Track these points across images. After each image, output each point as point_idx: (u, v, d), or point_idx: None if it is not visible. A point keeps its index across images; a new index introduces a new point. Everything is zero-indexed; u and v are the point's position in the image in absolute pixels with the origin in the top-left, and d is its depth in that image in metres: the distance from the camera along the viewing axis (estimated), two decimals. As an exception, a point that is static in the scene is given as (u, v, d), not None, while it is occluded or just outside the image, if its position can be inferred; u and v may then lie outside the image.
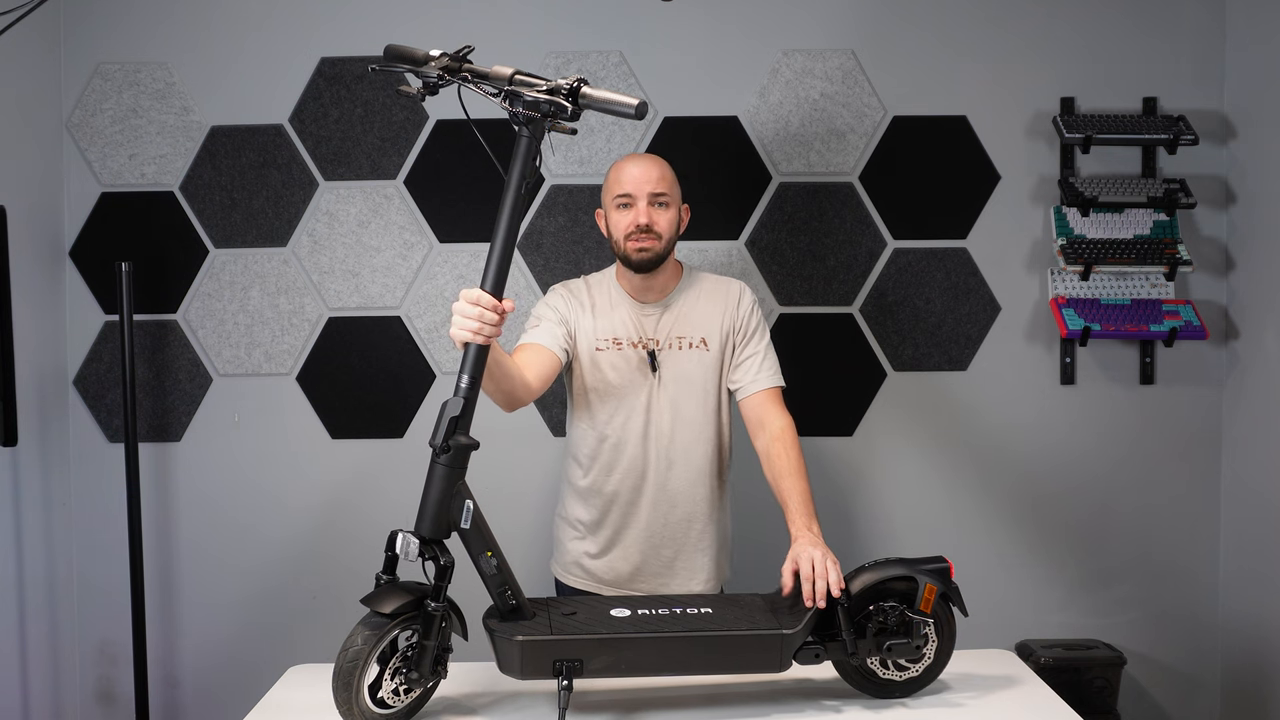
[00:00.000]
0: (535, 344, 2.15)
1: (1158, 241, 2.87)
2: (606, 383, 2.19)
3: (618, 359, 2.19)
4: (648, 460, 2.21)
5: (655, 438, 2.20)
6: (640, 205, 2.15)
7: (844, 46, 2.92)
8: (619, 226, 2.18)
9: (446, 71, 1.80)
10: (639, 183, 2.16)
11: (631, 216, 2.16)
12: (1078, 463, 2.95)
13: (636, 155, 2.24)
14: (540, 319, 2.21)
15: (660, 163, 2.20)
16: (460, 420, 1.73)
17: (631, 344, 2.20)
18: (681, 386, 2.19)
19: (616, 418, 2.20)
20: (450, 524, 1.75)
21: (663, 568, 2.25)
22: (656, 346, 2.20)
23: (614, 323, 2.22)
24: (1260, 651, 2.81)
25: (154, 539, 2.94)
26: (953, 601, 1.86)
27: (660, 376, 2.19)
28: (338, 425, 2.96)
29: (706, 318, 2.22)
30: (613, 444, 2.21)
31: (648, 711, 1.83)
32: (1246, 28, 2.85)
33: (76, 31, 2.92)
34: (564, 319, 2.20)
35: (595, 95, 1.74)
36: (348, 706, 1.67)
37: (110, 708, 2.98)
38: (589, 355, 2.20)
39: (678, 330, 2.21)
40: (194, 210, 2.94)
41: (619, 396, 2.19)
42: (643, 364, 2.19)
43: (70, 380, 2.95)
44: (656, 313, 2.22)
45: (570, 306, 2.23)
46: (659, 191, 2.16)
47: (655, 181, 2.16)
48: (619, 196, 2.18)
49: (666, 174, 2.19)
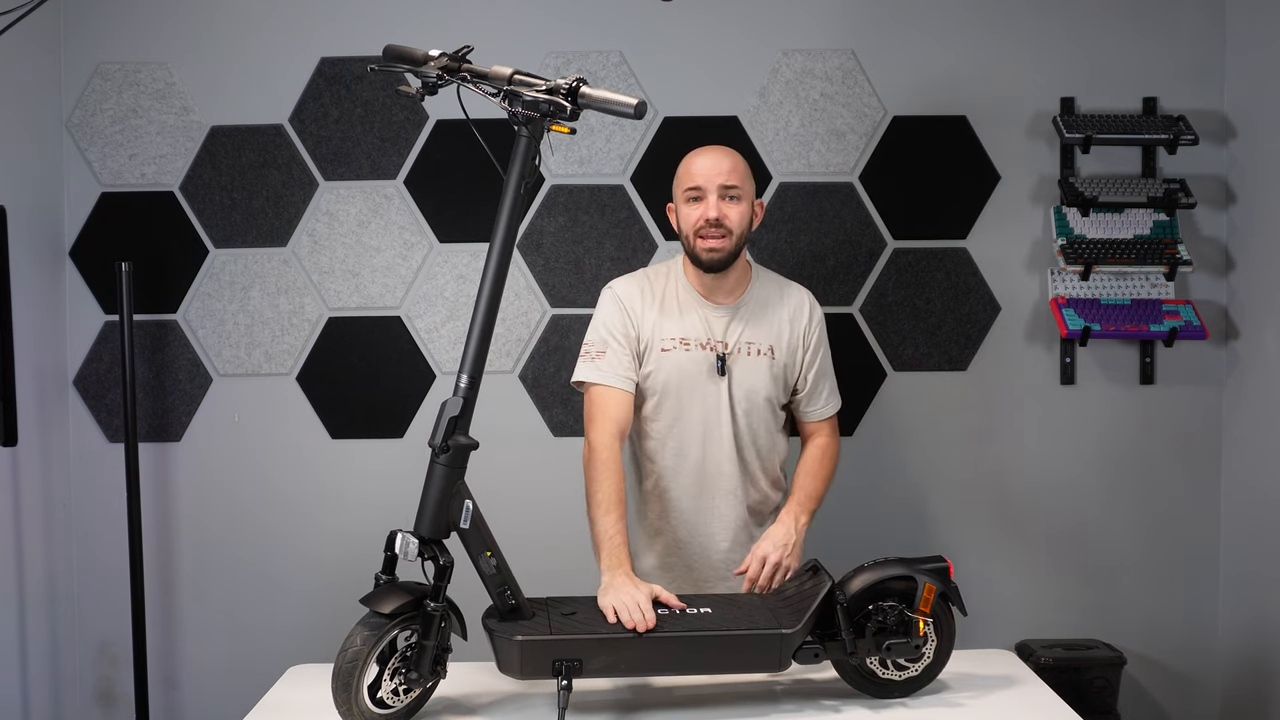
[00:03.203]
0: (608, 390, 2.10)
1: (1158, 241, 2.87)
2: (670, 383, 2.15)
3: (685, 360, 2.14)
4: (709, 465, 2.17)
5: (718, 443, 2.16)
6: (710, 199, 2.09)
7: (844, 46, 2.92)
8: (689, 220, 2.12)
9: (446, 71, 1.80)
10: (709, 175, 2.10)
11: (701, 210, 2.10)
12: (1078, 463, 2.95)
13: (707, 147, 2.16)
14: (606, 344, 2.13)
15: (732, 154, 2.14)
16: (459, 420, 1.73)
17: (700, 345, 2.15)
18: (747, 392, 2.16)
19: (680, 421, 2.16)
20: (450, 524, 1.75)
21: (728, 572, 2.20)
22: (726, 350, 2.16)
23: (683, 322, 2.16)
24: (1260, 652, 2.81)
25: (154, 539, 2.94)
26: (952, 601, 1.86)
27: (729, 381, 2.15)
28: (338, 425, 2.96)
29: (775, 326, 2.18)
30: (674, 450, 2.17)
31: (647, 711, 1.83)
32: (1246, 28, 2.85)
33: (76, 31, 2.92)
34: (629, 337, 2.14)
35: (594, 95, 1.74)
36: (347, 707, 1.67)
37: (110, 708, 2.98)
38: (655, 356, 2.15)
39: (747, 335, 2.17)
40: (194, 210, 2.94)
41: (683, 398, 2.15)
42: (711, 367, 2.15)
43: (70, 380, 2.95)
44: (727, 315, 2.17)
45: (633, 317, 2.15)
46: (730, 184, 2.10)
47: (726, 173, 2.10)
48: (689, 190, 2.12)
49: (739, 165, 2.13)
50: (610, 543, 1.95)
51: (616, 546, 1.94)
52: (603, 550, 1.95)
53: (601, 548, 1.96)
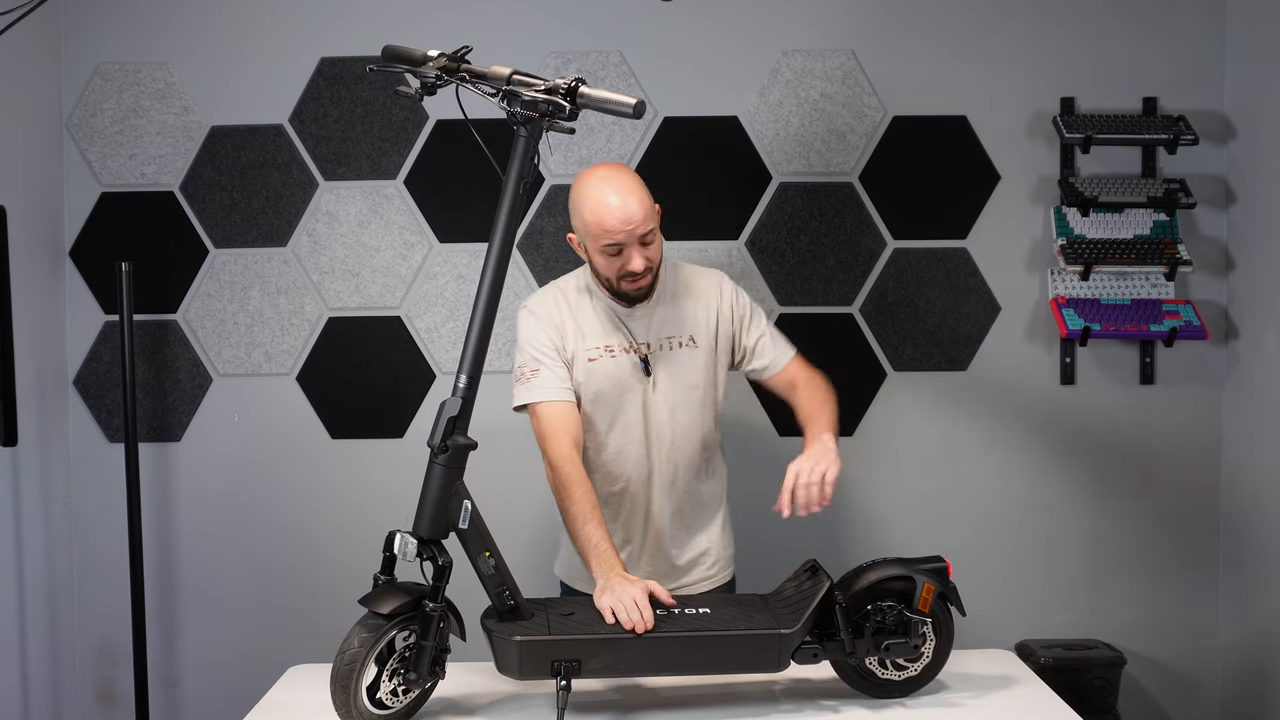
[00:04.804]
0: (551, 405, 2.08)
1: (1158, 241, 2.87)
2: (602, 391, 2.15)
3: (611, 366, 2.14)
4: (652, 463, 2.18)
5: (656, 441, 2.17)
6: (630, 251, 2.02)
7: (844, 46, 2.92)
8: (609, 268, 2.06)
9: (445, 72, 1.81)
10: (626, 229, 2.00)
11: (622, 262, 2.04)
12: (1078, 462, 2.95)
13: (610, 191, 2.01)
14: (538, 363, 2.11)
15: (634, 190, 2.02)
16: (458, 420, 1.73)
17: (624, 349, 2.15)
18: (676, 386, 2.16)
19: (616, 425, 2.17)
20: (448, 524, 1.75)
21: (671, 568, 2.23)
22: (648, 350, 2.16)
23: (603, 330, 2.15)
24: (1260, 652, 2.81)
25: (154, 539, 2.94)
26: (951, 601, 1.86)
27: (655, 379, 2.16)
28: (338, 425, 2.96)
29: (692, 315, 2.18)
30: (614, 452, 2.18)
31: (646, 711, 1.83)
32: (1246, 28, 2.85)
33: (76, 31, 2.92)
34: (558, 350, 2.13)
35: (593, 95, 1.74)
36: (346, 708, 1.68)
37: (110, 708, 2.98)
38: (583, 367, 2.14)
39: (666, 331, 2.16)
40: (194, 210, 2.94)
41: (616, 403, 2.16)
42: (636, 369, 2.15)
43: (70, 380, 2.95)
44: (644, 316, 2.16)
45: (555, 331, 2.14)
46: (645, 230, 2.01)
47: (640, 221, 2.00)
48: (606, 246, 2.02)
49: (644, 201, 2.01)
50: (596, 550, 1.93)
51: (604, 552, 1.93)
52: (591, 558, 1.94)
53: (589, 557, 1.94)
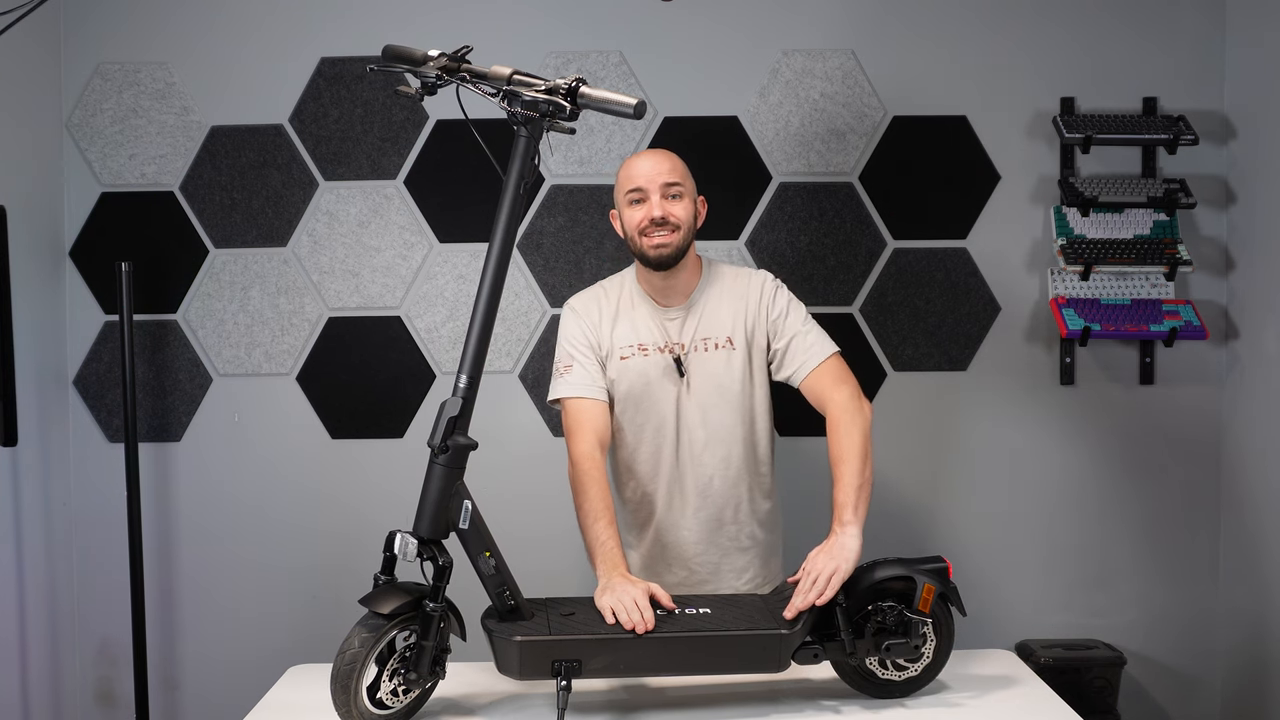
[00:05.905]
0: (581, 401, 2.10)
1: (1158, 241, 2.87)
2: (633, 389, 2.14)
3: (644, 365, 2.14)
4: (683, 467, 2.16)
5: (687, 443, 2.16)
6: (653, 198, 2.09)
7: (844, 46, 2.92)
8: (633, 222, 2.11)
9: (445, 72, 1.81)
10: (650, 176, 2.10)
11: (645, 211, 2.09)
12: (1078, 462, 2.95)
13: (645, 151, 2.22)
14: (572, 359, 2.14)
15: (670, 155, 2.16)
16: (459, 420, 1.73)
17: (658, 349, 2.15)
18: (710, 389, 2.15)
19: (649, 425, 2.16)
20: (449, 524, 1.75)
21: (710, 574, 2.21)
22: (683, 351, 2.15)
23: (638, 328, 2.16)
24: (1260, 652, 2.81)
25: (154, 539, 2.94)
26: (951, 601, 1.86)
27: (689, 381, 2.15)
28: (338, 425, 2.96)
29: (730, 316, 2.16)
30: (646, 453, 2.17)
31: (647, 711, 1.83)
32: (1246, 27, 2.85)
33: (76, 31, 2.92)
34: (593, 347, 2.15)
35: (593, 95, 1.74)
36: (346, 708, 1.68)
37: (110, 708, 2.98)
38: (616, 365, 2.14)
39: (702, 332, 2.15)
40: (194, 210, 2.94)
41: (648, 403, 2.15)
42: (670, 369, 2.14)
43: (70, 380, 2.95)
44: (680, 316, 2.16)
45: (592, 329, 2.16)
46: (671, 181, 2.11)
47: (667, 172, 2.11)
48: (630, 192, 2.11)
49: (678, 165, 2.14)
50: (603, 548, 1.95)
51: (609, 551, 1.94)
52: (596, 556, 1.96)
53: (595, 554, 1.96)
